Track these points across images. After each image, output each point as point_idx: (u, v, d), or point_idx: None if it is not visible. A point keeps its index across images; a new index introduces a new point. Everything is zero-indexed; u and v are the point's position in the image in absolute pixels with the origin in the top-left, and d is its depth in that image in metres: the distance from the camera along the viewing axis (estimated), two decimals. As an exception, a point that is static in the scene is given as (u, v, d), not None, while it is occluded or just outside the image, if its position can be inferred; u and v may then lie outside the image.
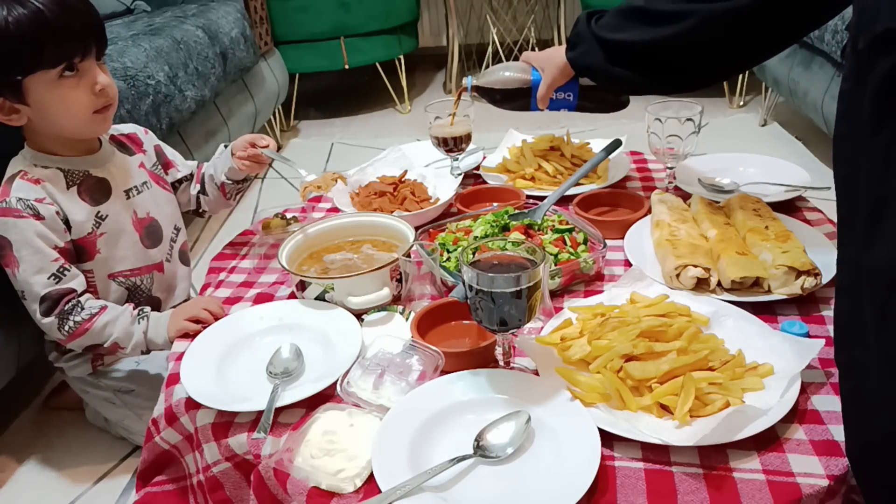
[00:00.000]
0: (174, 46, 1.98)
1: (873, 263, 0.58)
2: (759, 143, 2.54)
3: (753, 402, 0.80)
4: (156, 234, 1.32)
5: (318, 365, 0.98)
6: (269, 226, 1.34)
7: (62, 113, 1.14)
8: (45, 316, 1.16)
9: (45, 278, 1.15)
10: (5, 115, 1.12)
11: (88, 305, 1.18)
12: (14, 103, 1.11)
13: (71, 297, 1.17)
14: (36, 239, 1.13)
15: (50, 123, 1.15)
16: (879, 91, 0.55)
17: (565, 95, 1.32)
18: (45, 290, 1.15)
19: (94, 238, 1.22)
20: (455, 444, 0.81)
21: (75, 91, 1.12)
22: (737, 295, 1.02)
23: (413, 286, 1.07)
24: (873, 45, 0.55)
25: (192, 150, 2.10)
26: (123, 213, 1.26)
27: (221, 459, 0.89)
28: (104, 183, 1.24)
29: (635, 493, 0.74)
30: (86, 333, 1.17)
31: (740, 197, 1.23)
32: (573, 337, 0.92)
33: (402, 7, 3.04)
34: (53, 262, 1.15)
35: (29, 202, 1.14)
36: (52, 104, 1.12)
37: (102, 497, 1.33)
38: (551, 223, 1.21)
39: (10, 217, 1.13)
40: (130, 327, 1.18)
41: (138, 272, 1.30)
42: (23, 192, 1.14)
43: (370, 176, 1.48)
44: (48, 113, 1.13)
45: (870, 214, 0.58)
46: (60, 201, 1.18)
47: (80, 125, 1.17)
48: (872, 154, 0.57)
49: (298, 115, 3.22)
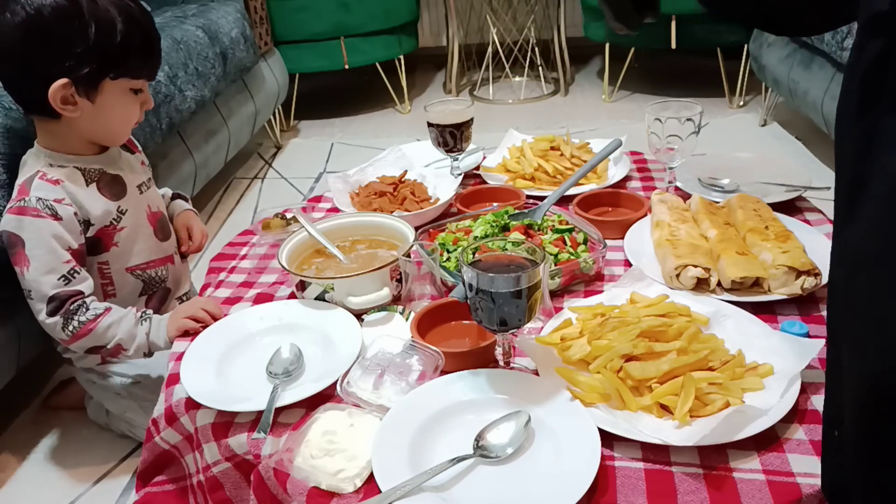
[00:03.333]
0: (174, 46, 1.98)
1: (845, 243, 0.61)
2: (759, 143, 2.54)
3: (753, 402, 0.80)
4: (166, 228, 1.38)
5: (318, 365, 0.98)
6: (269, 226, 1.34)
7: (117, 120, 1.22)
8: (51, 316, 1.17)
9: (54, 279, 1.16)
10: (62, 105, 1.14)
11: (93, 306, 1.19)
12: (80, 97, 1.15)
13: (77, 298, 1.18)
14: (51, 240, 1.15)
15: (101, 126, 1.21)
16: (866, 74, 0.55)
17: None
18: (54, 290, 1.16)
19: (113, 231, 1.26)
20: (455, 444, 0.81)
21: (134, 105, 1.22)
22: (737, 295, 1.02)
23: (413, 286, 1.07)
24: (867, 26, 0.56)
25: (192, 150, 2.10)
26: (139, 208, 1.31)
27: (221, 459, 0.89)
28: (119, 179, 1.29)
29: (635, 493, 0.74)
30: (89, 334, 1.17)
31: (740, 197, 1.23)
32: (573, 337, 0.92)
33: (402, 7, 3.04)
34: (65, 264, 1.17)
35: (48, 202, 1.16)
36: (115, 110, 1.20)
37: (102, 497, 1.33)
38: (551, 223, 1.21)
39: (28, 216, 1.15)
40: (134, 329, 1.19)
41: (154, 264, 1.34)
42: (42, 191, 1.17)
43: (370, 176, 1.48)
44: (106, 117, 1.20)
45: (846, 197, 0.60)
46: (81, 199, 1.21)
47: (123, 133, 1.27)
48: (856, 136, 0.58)
49: (298, 115, 3.21)
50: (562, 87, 3.32)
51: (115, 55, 1.14)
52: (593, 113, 3.02)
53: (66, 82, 1.12)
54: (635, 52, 3.05)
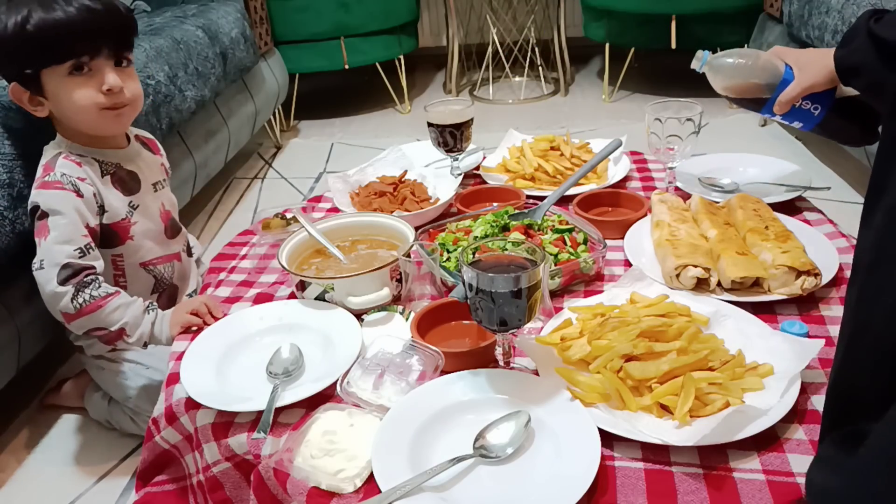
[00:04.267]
0: (174, 46, 1.98)
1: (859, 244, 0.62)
2: (759, 143, 2.53)
3: (753, 402, 0.80)
4: (175, 226, 1.41)
5: (318, 365, 0.98)
6: (269, 226, 1.34)
7: (71, 108, 1.20)
8: (62, 284, 1.16)
9: (71, 249, 1.17)
10: (32, 106, 1.22)
11: (104, 286, 1.20)
12: (36, 95, 1.20)
13: (91, 272, 1.19)
14: (73, 212, 1.19)
15: (65, 117, 1.23)
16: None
17: (812, 107, 1.10)
18: (68, 259, 1.17)
19: (128, 225, 1.29)
20: (455, 444, 0.81)
21: (83, 88, 1.19)
22: (737, 295, 1.02)
23: (413, 286, 1.07)
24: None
25: (192, 151, 2.10)
26: (153, 205, 1.34)
27: (221, 459, 0.89)
28: (134, 175, 1.32)
29: (635, 493, 0.74)
30: (97, 311, 1.17)
31: (740, 197, 1.23)
32: (573, 337, 0.92)
33: (402, 7, 3.04)
34: (83, 238, 1.19)
35: (72, 179, 1.20)
36: (63, 98, 1.20)
37: (102, 497, 1.33)
38: (551, 223, 1.21)
39: (52, 189, 1.19)
40: (141, 316, 1.20)
41: (163, 261, 1.36)
42: (67, 168, 1.21)
43: (370, 176, 1.48)
44: (61, 107, 1.21)
45: (866, 200, 0.61)
46: (98, 185, 1.24)
47: (89, 120, 1.22)
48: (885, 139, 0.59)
49: (298, 115, 3.21)
50: (562, 87, 3.32)
51: (28, 47, 1.15)
52: (593, 113, 3.02)
53: (13, 86, 1.20)
54: (635, 52, 3.05)
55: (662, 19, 2.80)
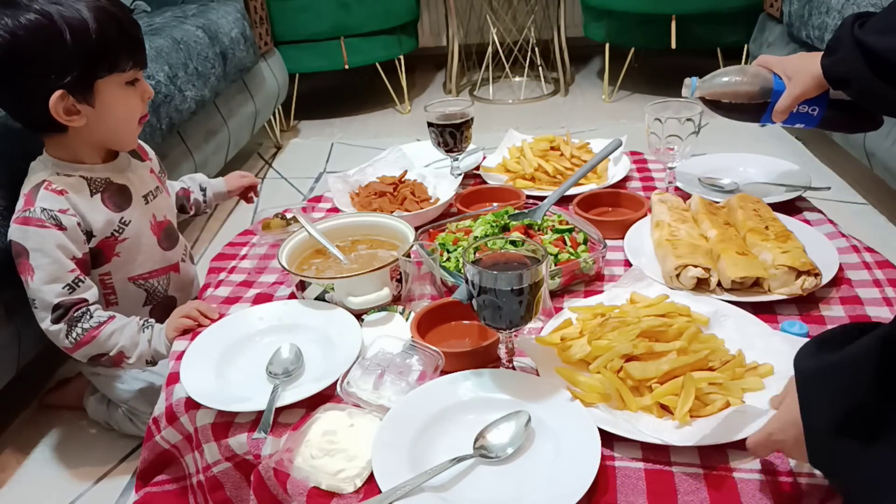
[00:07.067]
0: (174, 46, 1.98)
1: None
2: (759, 143, 2.53)
3: (753, 402, 0.80)
4: (172, 236, 1.37)
5: (318, 365, 0.98)
6: (269, 226, 1.34)
7: (122, 118, 1.21)
8: (55, 323, 1.17)
9: (59, 288, 1.16)
10: (66, 116, 1.14)
11: (97, 314, 1.19)
12: (79, 104, 1.14)
13: (81, 306, 1.18)
14: (55, 249, 1.16)
15: (108, 128, 1.20)
16: None
17: (809, 109, 1.12)
18: (58, 298, 1.17)
19: (115, 242, 1.25)
20: (455, 444, 0.81)
21: (135, 98, 1.21)
22: (737, 295, 1.02)
23: (413, 286, 1.07)
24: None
25: (192, 150, 2.10)
26: (143, 219, 1.30)
27: (221, 459, 0.89)
28: (125, 189, 1.28)
29: (635, 493, 0.74)
30: (93, 341, 1.18)
31: (740, 197, 1.23)
32: (573, 337, 0.92)
33: (401, 7, 3.04)
34: (70, 273, 1.17)
35: (52, 213, 1.16)
36: (117, 107, 1.19)
37: (102, 497, 1.33)
38: (551, 223, 1.21)
39: (32, 226, 1.15)
40: (136, 336, 1.20)
41: (156, 274, 1.33)
42: (47, 202, 1.17)
43: (370, 176, 1.48)
44: (109, 117, 1.18)
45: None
46: (83, 209, 1.20)
47: (130, 131, 1.24)
48: None
49: (298, 115, 3.21)
50: (562, 87, 3.32)
51: (97, 54, 1.12)
52: (593, 113, 3.02)
53: (61, 94, 1.11)
54: (635, 52, 3.05)
55: (662, 19, 2.80)
